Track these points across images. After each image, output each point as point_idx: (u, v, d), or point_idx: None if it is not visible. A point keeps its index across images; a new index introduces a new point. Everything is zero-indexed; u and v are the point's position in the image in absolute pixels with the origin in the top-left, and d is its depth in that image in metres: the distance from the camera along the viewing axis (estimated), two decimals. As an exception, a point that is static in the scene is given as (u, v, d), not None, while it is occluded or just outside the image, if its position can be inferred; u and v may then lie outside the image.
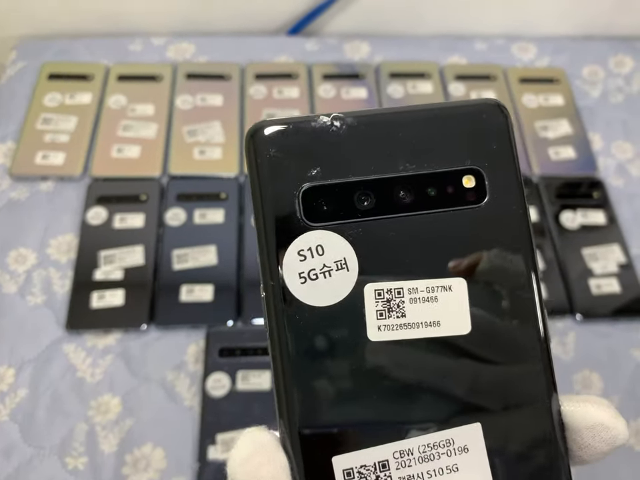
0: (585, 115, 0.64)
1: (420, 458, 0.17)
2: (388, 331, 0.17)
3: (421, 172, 0.18)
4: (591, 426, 0.17)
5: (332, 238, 0.17)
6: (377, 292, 0.17)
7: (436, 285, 0.17)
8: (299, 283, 0.17)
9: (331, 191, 0.18)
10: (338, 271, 0.17)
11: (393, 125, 0.18)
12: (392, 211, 0.18)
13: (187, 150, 0.58)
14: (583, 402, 0.17)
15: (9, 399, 0.46)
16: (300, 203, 0.17)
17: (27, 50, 0.65)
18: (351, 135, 0.18)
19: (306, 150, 0.18)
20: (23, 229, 0.54)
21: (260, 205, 0.17)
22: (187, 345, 0.49)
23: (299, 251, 0.17)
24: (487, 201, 0.18)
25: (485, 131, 0.18)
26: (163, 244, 0.52)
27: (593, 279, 0.53)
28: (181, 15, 0.68)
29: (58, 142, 0.58)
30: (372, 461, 0.17)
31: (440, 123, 0.18)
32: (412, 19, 0.70)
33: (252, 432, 0.17)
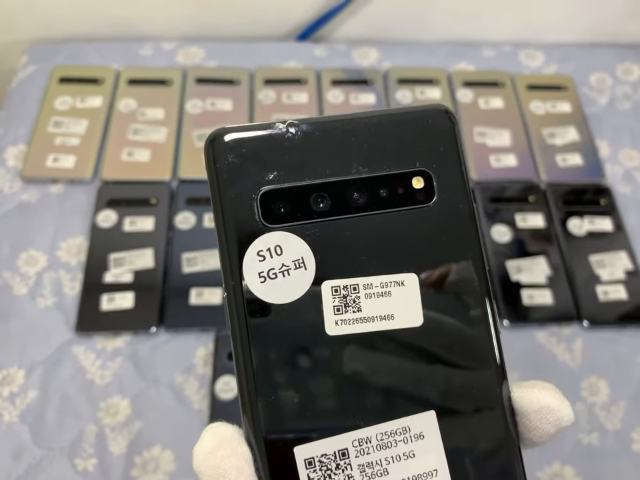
0: (592, 122, 0.64)
1: (378, 445, 0.18)
2: (345, 325, 0.18)
3: (372, 174, 0.19)
4: (537, 409, 0.18)
5: (290, 239, 0.18)
6: (333, 289, 0.18)
7: (389, 280, 0.18)
8: (259, 282, 0.18)
9: (288, 194, 0.18)
10: (296, 269, 0.18)
11: (345, 131, 0.19)
12: (346, 211, 0.19)
13: (196, 154, 0.58)
14: (530, 387, 0.18)
15: (19, 400, 0.46)
16: (258, 205, 0.18)
17: (39, 53, 0.66)
18: (306, 140, 0.19)
19: (263, 155, 0.18)
20: (34, 231, 0.54)
21: (219, 208, 0.18)
22: (196, 347, 0.49)
23: (258, 252, 0.18)
24: (435, 200, 0.19)
25: (433, 135, 0.19)
26: (172, 247, 0.53)
27: (600, 285, 0.53)
28: (190, 20, 0.69)
29: (68, 145, 0.58)
30: (332, 450, 0.18)
31: (391, 127, 0.19)
32: (420, 26, 0.70)
33: (214, 426, 0.18)
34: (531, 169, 0.60)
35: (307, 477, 0.17)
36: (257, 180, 0.18)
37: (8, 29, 0.68)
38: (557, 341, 0.51)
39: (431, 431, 0.18)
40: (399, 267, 0.19)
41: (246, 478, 0.17)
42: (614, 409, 0.48)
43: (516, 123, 0.63)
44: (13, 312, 0.50)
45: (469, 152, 0.61)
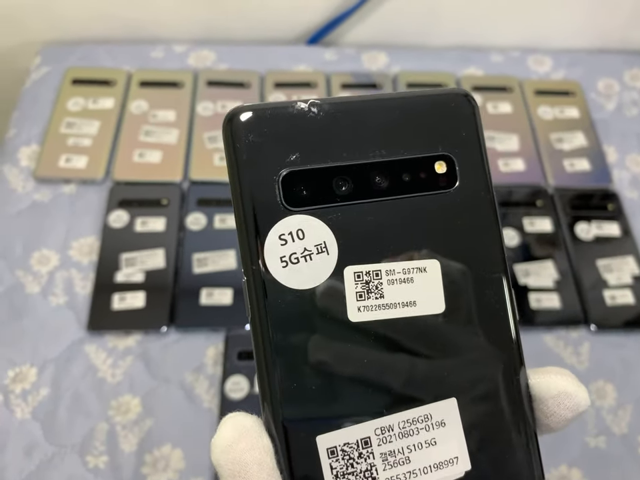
0: (600, 127, 0.65)
1: (400, 433, 0.18)
2: (367, 311, 0.18)
3: (396, 158, 0.18)
4: (555, 395, 0.18)
5: (312, 222, 0.18)
6: (356, 274, 0.18)
7: (412, 266, 0.18)
8: (281, 266, 0.17)
9: (310, 176, 0.18)
10: (318, 254, 0.18)
11: (368, 112, 0.19)
12: (369, 195, 0.18)
13: (207, 156, 0.59)
14: (547, 373, 0.18)
15: (31, 397, 0.46)
16: (280, 187, 0.18)
17: (51, 55, 0.67)
18: (328, 120, 0.18)
19: (284, 135, 0.18)
20: (46, 231, 0.55)
21: (239, 190, 0.18)
22: (206, 347, 0.49)
23: (279, 235, 0.17)
24: (457, 186, 0.19)
25: (455, 119, 0.19)
26: (183, 248, 0.53)
27: (607, 290, 0.54)
28: (202, 24, 0.69)
29: (81, 146, 0.59)
30: (354, 439, 0.17)
31: (413, 110, 0.19)
32: (429, 31, 0.71)
33: (233, 417, 0.17)
34: (539, 174, 0.61)
35: (329, 466, 0.17)
36: (278, 160, 0.18)
37: (21, 30, 0.68)
38: (564, 344, 0.51)
39: (452, 418, 0.18)
40: (422, 252, 0.18)
41: (268, 471, 0.16)
42: (621, 413, 0.48)
43: (524, 128, 0.64)
44: (26, 310, 0.50)
45: (477, 156, 0.61)
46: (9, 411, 0.46)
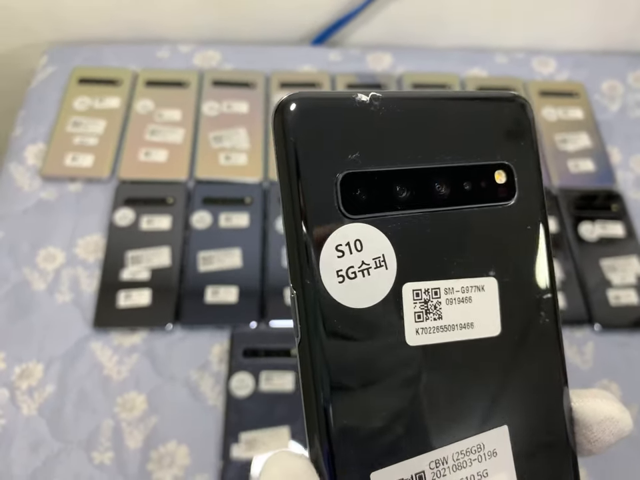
0: (604, 128, 0.65)
1: (454, 466, 0.16)
2: (426, 334, 0.16)
3: (459, 164, 0.17)
4: (600, 420, 0.17)
5: (371, 232, 0.16)
6: (415, 292, 0.16)
7: (470, 284, 0.17)
8: (337, 282, 0.15)
9: (372, 180, 0.16)
10: (376, 269, 0.16)
11: (430, 112, 0.17)
12: (428, 204, 0.17)
13: (212, 155, 0.59)
14: (592, 397, 0.18)
15: (37, 394, 0.47)
16: (338, 191, 0.15)
17: (58, 55, 0.67)
18: (390, 118, 0.16)
19: (343, 130, 0.16)
20: (52, 229, 0.55)
21: (292, 190, 0.15)
22: (211, 345, 0.49)
23: (336, 246, 0.15)
24: (516, 198, 0.17)
25: (514, 127, 0.18)
26: (188, 246, 0.53)
27: (612, 289, 0.54)
28: (207, 24, 0.70)
29: (87, 145, 0.59)
30: (409, 474, 0.16)
31: (475, 113, 0.17)
32: (434, 32, 0.71)
33: (281, 459, 0.15)
34: (543, 174, 0.61)
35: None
36: (336, 160, 0.16)
37: (29, 31, 0.69)
38: (568, 344, 0.51)
39: (503, 447, 0.17)
40: (480, 270, 0.17)
41: None
42: (625, 412, 0.48)
43: (528, 129, 0.64)
44: (32, 307, 0.51)
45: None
46: (16, 407, 0.46)
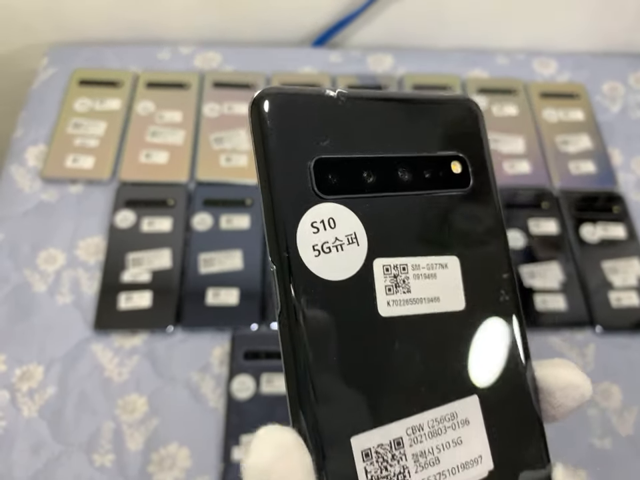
0: (605, 130, 0.65)
1: (430, 433, 0.17)
2: (396, 306, 0.17)
3: (420, 154, 0.19)
4: (563, 387, 0.18)
5: (342, 212, 0.17)
6: (384, 267, 0.17)
7: (434, 262, 0.18)
8: (313, 255, 0.16)
9: (342, 165, 0.17)
10: (349, 245, 0.17)
11: (389, 109, 0.19)
12: (394, 189, 0.18)
13: (213, 157, 0.59)
14: (553, 366, 0.19)
15: (38, 396, 0.47)
16: (312, 173, 0.17)
17: (58, 56, 0.67)
18: (354, 112, 0.18)
19: (315, 120, 0.17)
20: (53, 230, 0.55)
21: (269, 174, 0.17)
22: (212, 347, 0.49)
23: (312, 223, 0.17)
24: (471, 186, 0.19)
25: (465, 125, 0.20)
26: (189, 248, 0.53)
27: (613, 291, 0.54)
28: (208, 25, 0.70)
29: (87, 146, 0.59)
30: (387, 439, 0.16)
31: (429, 112, 0.19)
32: (435, 33, 0.71)
33: (271, 433, 0.15)
34: (544, 176, 0.61)
35: (364, 470, 0.16)
36: (309, 146, 0.17)
37: (29, 32, 0.69)
38: (569, 346, 0.51)
39: (475, 416, 0.18)
40: (443, 249, 0.18)
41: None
42: (626, 414, 0.48)
43: (529, 130, 0.64)
44: (32, 309, 0.51)
45: (482, 158, 0.61)
46: (16, 409, 0.46)
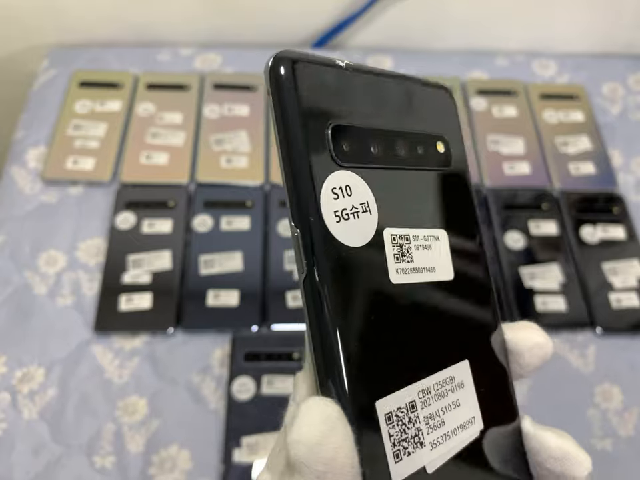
0: (605, 131, 0.65)
1: (435, 396, 0.17)
2: (403, 274, 0.18)
3: (418, 131, 0.20)
4: (530, 347, 0.19)
5: (356, 180, 0.17)
6: (392, 237, 0.18)
7: (429, 234, 0.19)
8: (335, 221, 0.16)
9: (355, 133, 0.18)
10: (363, 213, 0.17)
11: (388, 85, 0.19)
12: (396, 162, 0.19)
13: (213, 158, 0.59)
14: (520, 329, 0.20)
15: (38, 398, 0.47)
16: (329, 140, 0.17)
17: (59, 58, 0.67)
18: (359, 83, 0.18)
19: (329, 88, 0.17)
20: (54, 232, 0.55)
21: (290, 137, 0.16)
22: (212, 348, 0.49)
23: (332, 189, 0.17)
24: (452, 165, 0.20)
25: (445, 109, 0.21)
26: (190, 249, 0.53)
27: (613, 293, 0.54)
28: (208, 27, 0.70)
29: (88, 148, 0.59)
30: (404, 403, 0.17)
31: (421, 93, 0.20)
32: (435, 35, 0.71)
33: (318, 404, 0.15)
34: (544, 177, 0.61)
35: (387, 434, 0.16)
36: (326, 112, 0.17)
37: (29, 33, 0.69)
38: (570, 347, 0.51)
39: (468, 380, 0.19)
40: (434, 222, 0.19)
41: (357, 469, 0.15)
42: (627, 416, 0.48)
43: (529, 132, 0.64)
44: (33, 311, 0.51)
45: (482, 159, 0.61)
46: (17, 411, 0.46)
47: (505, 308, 0.52)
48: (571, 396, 0.49)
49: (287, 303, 0.51)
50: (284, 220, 0.56)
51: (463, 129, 0.21)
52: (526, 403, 0.49)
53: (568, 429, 0.49)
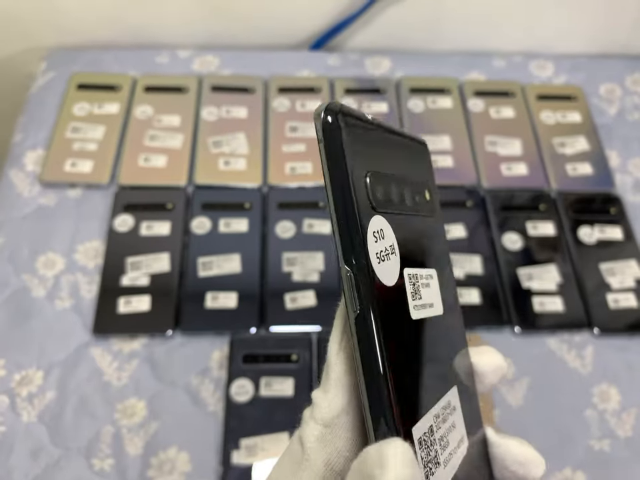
0: (602, 132, 0.65)
1: (442, 420, 0.19)
2: (417, 310, 0.19)
3: (419, 181, 0.21)
4: (493, 370, 0.22)
5: (385, 224, 0.19)
6: (409, 276, 0.19)
7: (427, 273, 0.20)
8: (377, 262, 0.18)
9: (384, 181, 0.19)
10: (392, 254, 0.19)
11: (393, 138, 0.21)
12: (406, 208, 0.20)
13: (212, 160, 0.59)
14: (484, 353, 0.22)
15: (37, 401, 0.47)
16: (369, 186, 0.18)
17: (57, 60, 0.67)
18: (382, 137, 0.20)
19: (364, 138, 0.19)
20: (52, 235, 0.55)
21: (344, 185, 0.18)
22: (211, 351, 0.50)
23: (373, 232, 0.18)
24: (436, 213, 0.23)
25: (425, 161, 0.23)
26: (188, 251, 0.54)
27: (611, 293, 0.54)
28: (206, 29, 0.70)
29: (86, 150, 0.59)
30: (427, 427, 0.18)
31: (412, 146, 0.22)
32: (432, 36, 0.71)
33: (398, 448, 0.15)
34: (542, 178, 0.61)
35: (420, 457, 0.17)
36: (364, 161, 0.18)
37: (27, 36, 0.69)
38: (567, 347, 0.52)
39: (457, 403, 0.20)
40: (429, 262, 0.21)
41: None
42: (625, 416, 0.48)
43: (526, 132, 0.64)
44: (32, 314, 0.51)
45: (480, 161, 0.61)
46: (15, 414, 0.46)
47: (502, 309, 0.53)
48: (569, 397, 0.49)
49: (285, 305, 0.51)
50: (282, 222, 0.56)
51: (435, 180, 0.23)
52: (524, 404, 0.49)
53: (566, 429, 0.49)
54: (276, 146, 0.61)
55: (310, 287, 0.52)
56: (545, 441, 0.47)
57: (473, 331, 0.52)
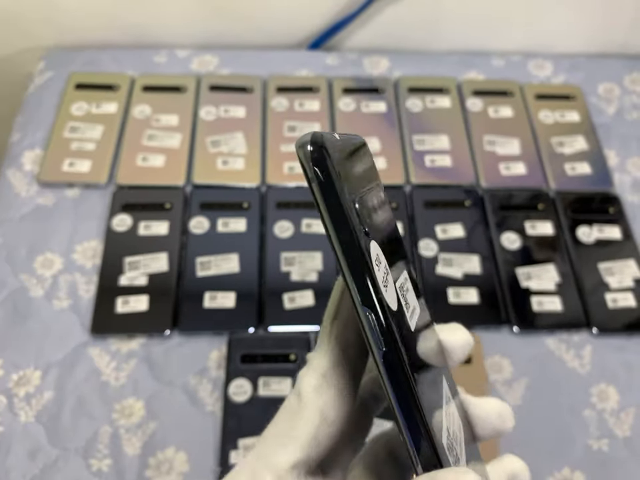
0: (601, 131, 0.65)
1: (450, 421, 0.19)
2: (411, 320, 0.19)
3: (379, 182, 0.21)
4: (462, 345, 0.22)
5: (377, 248, 0.18)
6: (399, 288, 0.19)
7: (404, 277, 0.20)
8: (385, 291, 0.17)
9: (365, 201, 0.18)
10: (388, 275, 0.18)
11: (352, 149, 0.20)
12: (379, 219, 0.20)
13: (210, 160, 0.59)
14: (452, 330, 0.22)
15: (35, 401, 0.47)
16: (358, 213, 0.17)
17: (55, 60, 0.67)
18: (349, 157, 0.19)
19: (343, 163, 0.18)
20: (50, 235, 0.55)
21: (341, 214, 0.17)
22: (209, 350, 0.49)
23: (374, 261, 0.17)
24: (389, 208, 0.22)
25: (373, 161, 0.21)
26: (186, 251, 0.53)
27: (609, 293, 0.54)
28: (205, 29, 0.70)
29: (84, 150, 0.59)
30: (445, 442, 0.18)
31: (364, 152, 0.21)
32: (431, 35, 0.71)
33: (471, 477, 0.16)
34: (540, 177, 0.61)
35: None
36: (350, 188, 0.17)
37: (25, 35, 0.69)
38: (566, 347, 0.52)
39: (447, 393, 0.20)
40: (402, 265, 0.20)
41: None
42: (623, 416, 0.48)
43: (525, 132, 0.64)
44: (30, 314, 0.51)
45: (478, 160, 0.61)
46: (13, 414, 0.46)
47: (501, 308, 0.53)
48: (567, 396, 0.49)
49: (284, 305, 0.51)
50: (280, 221, 0.56)
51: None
52: (522, 403, 0.49)
53: (564, 429, 0.49)
54: (274, 145, 0.61)
55: (308, 287, 0.52)
56: (544, 440, 0.47)
57: (471, 331, 0.52)
